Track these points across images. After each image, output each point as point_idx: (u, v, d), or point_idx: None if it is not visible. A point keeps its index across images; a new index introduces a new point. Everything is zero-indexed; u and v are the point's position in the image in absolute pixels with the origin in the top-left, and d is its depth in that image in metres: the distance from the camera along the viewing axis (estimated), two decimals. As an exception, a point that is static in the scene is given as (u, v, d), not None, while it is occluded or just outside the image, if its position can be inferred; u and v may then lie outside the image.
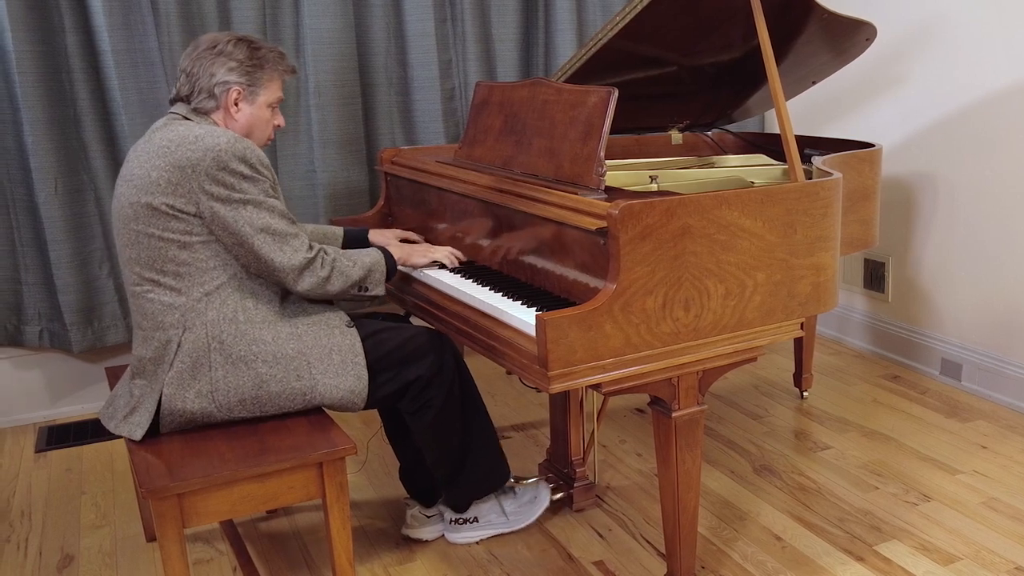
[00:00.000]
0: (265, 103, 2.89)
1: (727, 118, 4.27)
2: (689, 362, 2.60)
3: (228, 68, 2.80)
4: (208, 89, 2.80)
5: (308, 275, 2.75)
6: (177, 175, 2.60)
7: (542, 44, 5.04)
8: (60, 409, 4.56)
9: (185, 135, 2.64)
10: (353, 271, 2.86)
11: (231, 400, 2.68)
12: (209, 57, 2.80)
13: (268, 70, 2.87)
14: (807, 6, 3.36)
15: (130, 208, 2.65)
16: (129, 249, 2.69)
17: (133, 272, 2.70)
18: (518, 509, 3.29)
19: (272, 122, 2.96)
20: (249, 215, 2.65)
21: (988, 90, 4.20)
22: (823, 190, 2.78)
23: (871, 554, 3.14)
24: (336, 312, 2.90)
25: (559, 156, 2.95)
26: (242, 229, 2.64)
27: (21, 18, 3.98)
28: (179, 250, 2.64)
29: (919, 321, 4.75)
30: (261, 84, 2.86)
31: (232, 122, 2.85)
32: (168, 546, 2.44)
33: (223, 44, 2.82)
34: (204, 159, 2.59)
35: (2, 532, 3.49)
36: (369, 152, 4.77)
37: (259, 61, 2.85)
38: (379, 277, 2.95)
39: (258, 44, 2.88)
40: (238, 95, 2.82)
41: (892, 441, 3.96)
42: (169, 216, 2.61)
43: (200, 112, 2.83)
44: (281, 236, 2.70)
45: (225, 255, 2.69)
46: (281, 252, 2.70)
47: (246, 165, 2.64)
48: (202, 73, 2.80)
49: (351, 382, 2.79)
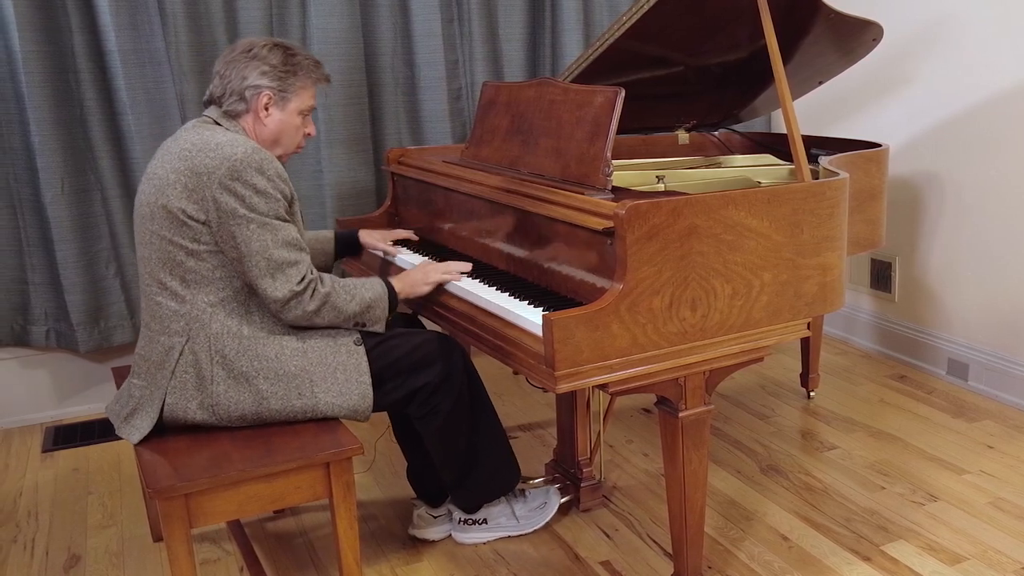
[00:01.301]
0: (296, 110, 2.88)
1: (734, 118, 4.26)
2: (696, 362, 2.60)
3: (261, 72, 2.79)
4: (239, 92, 2.80)
5: (294, 307, 2.69)
6: (193, 180, 2.59)
7: (549, 44, 5.04)
8: (67, 409, 4.57)
9: (208, 141, 2.64)
10: (349, 306, 2.79)
11: (231, 415, 2.69)
12: (243, 60, 2.80)
13: (302, 77, 2.86)
14: (814, 6, 3.36)
15: (147, 207, 2.66)
16: (144, 248, 2.70)
17: (146, 271, 2.71)
18: (528, 513, 3.28)
19: (303, 130, 2.95)
20: (251, 234, 2.61)
21: (995, 90, 4.19)
22: (830, 190, 2.78)
23: (878, 554, 3.13)
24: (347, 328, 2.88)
25: (566, 156, 2.95)
26: (241, 246, 2.62)
27: (28, 18, 3.98)
28: (187, 257, 2.64)
29: (926, 321, 4.74)
30: (293, 90, 2.85)
31: (261, 127, 2.84)
32: (175, 546, 2.44)
33: (259, 48, 2.82)
34: (220, 167, 2.58)
35: (9, 532, 3.50)
36: (376, 152, 4.77)
37: (293, 67, 2.84)
38: (379, 314, 2.88)
39: (294, 51, 2.87)
40: (269, 100, 2.81)
41: (899, 441, 3.95)
42: (180, 222, 2.61)
43: (230, 116, 2.82)
44: (276, 265, 2.64)
45: (232, 266, 2.68)
46: (270, 280, 2.64)
47: (263, 177, 2.62)
48: (234, 76, 2.80)
49: (354, 401, 2.77)
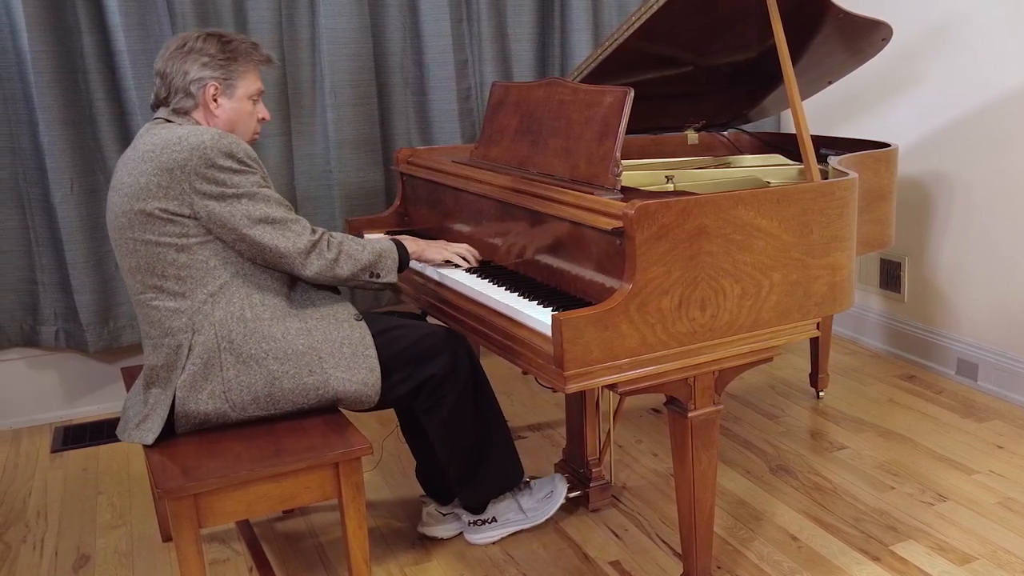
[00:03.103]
0: (245, 95, 2.87)
1: (743, 118, 4.26)
2: (705, 362, 2.60)
3: (201, 64, 2.78)
4: (184, 88, 2.79)
5: (315, 257, 2.74)
6: (166, 178, 2.59)
7: (558, 44, 5.04)
8: (76, 409, 4.58)
9: (168, 137, 2.63)
10: (363, 254, 2.84)
11: (244, 399, 2.68)
12: (180, 56, 2.79)
13: (242, 61, 2.85)
14: (823, 6, 3.35)
15: (124, 217, 2.64)
16: (129, 258, 2.68)
17: (136, 281, 2.70)
18: (536, 505, 3.28)
19: (255, 115, 2.93)
20: (244, 208, 2.63)
21: (1004, 90, 4.18)
22: (839, 190, 2.77)
23: (887, 554, 3.13)
24: (344, 305, 2.89)
25: (575, 156, 2.95)
26: (239, 223, 2.63)
27: (37, 18, 3.99)
28: (177, 253, 2.63)
29: (935, 321, 4.73)
30: (237, 76, 2.84)
31: (213, 119, 2.83)
32: (184, 546, 2.45)
33: (192, 41, 2.80)
34: (191, 159, 2.58)
35: (18, 532, 3.50)
36: (385, 152, 4.77)
37: (231, 53, 2.83)
38: (390, 264, 2.92)
39: (228, 37, 2.85)
40: (215, 90, 2.80)
41: (908, 441, 3.95)
42: (164, 220, 2.60)
43: (180, 112, 2.81)
44: (281, 223, 2.69)
45: (225, 253, 2.68)
46: (284, 238, 2.69)
47: (234, 160, 2.63)
48: (176, 72, 2.79)
49: (363, 374, 2.78)
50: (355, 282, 2.88)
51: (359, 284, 2.89)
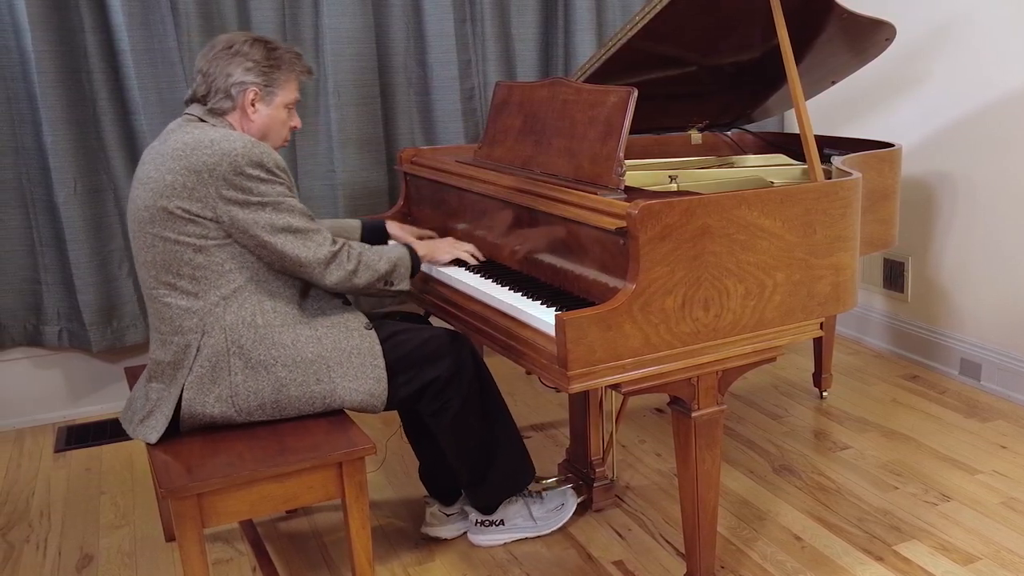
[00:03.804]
0: (282, 104, 2.89)
1: (746, 118, 4.26)
2: (709, 362, 2.60)
3: (245, 68, 2.79)
4: (225, 89, 2.80)
5: (335, 268, 2.75)
6: (193, 179, 2.59)
7: (562, 44, 5.04)
8: (79, 409, 4.58)
9: (200, 139, 2.64)
10: (380, 264, 2.86)
11: (251, 405, 2.69)
12: (226, 57, 2.80)
13: (285, 71, 2.87)
14: (826, 6, 3.35)
15: (146, 211, 2.65)
16: (145, 252, 2.68)
17: (150, 275, 2.70)
18: (546, 515, 3.29)
19: (288, 123, 2.96)
20: (268, 217, 2.64)
21: (1007, 90, 4.18)
22: (842, 190, 2.77)
23: (890, 554, 3.13)
24: (354, 314, 2.89)
25: (579, 156, 2.94)
26: (261, 232, 2.64)
27: (40, 18, 3.99)
28: (195, 253, 2.63)
29: (938, 321, 4.73)
30: (278, 85, 2.86)
31: (248, 123, 2.85)
32: (188, 546, 2.45)
33: (240, 44, 2.81)
34: (220, 164, 2.59)
35: (21, 532, 3.51)
36: (388, 152, 4.77)
37: (276, 61, 2.85)
38: (404, 272, 2.94)
39: (275, 45, 2.88)
40: (255, 96, 2.82)
41: (911, 441, 3.95)
42: (185, 220, 2.61)
43: (216, 113, 2.82)
44: (303, 233, 2.70)
45: (242, 257, 2.68)
46: (305, 248, 2.70)
47: (263, 169, 2.64)
48: (218, 73, 2.80)
49: (370, 384, 2.79)
50: (370, 291, 2.89)
51: (373, 292, 2.91)
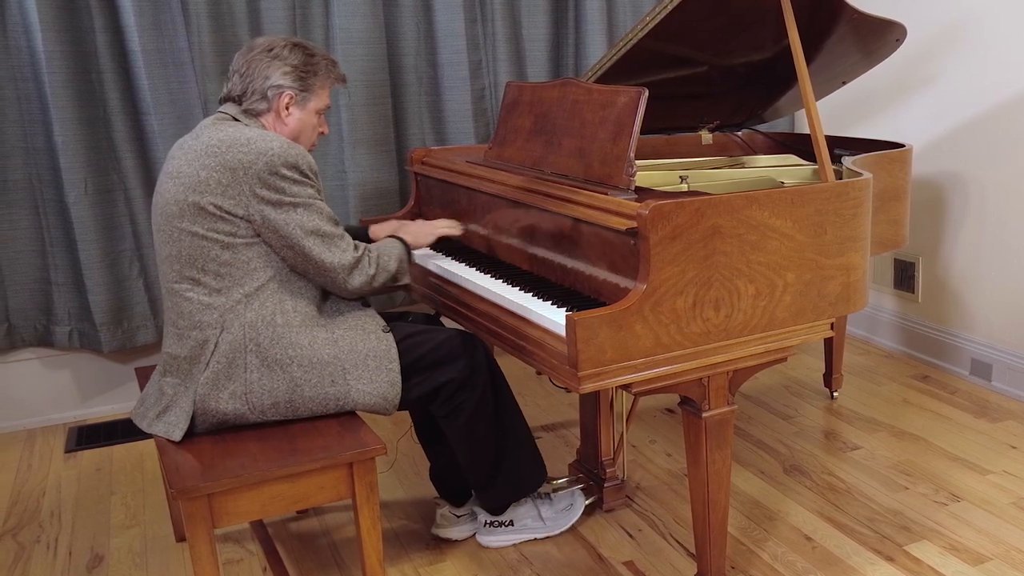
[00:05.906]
0: (314, 109, 2.93)
1: (757, 118, 4.26)
2: (719, 362, 2.60)
3: (283, 72, 2.82)
4: (262, 91, 2.83)
5: (358, 273, 2.78)
6: (228, 176, 2.61)
7: (572, 44, 5.04)
8: (90, 409, 4.59)
9: (236, 137, 2.66)
10: (391, 264, 2.89)
11: (264, 403, 2.69)
12: (264, 59, 2.83)
13: (321, 77, 2.91)
14: (837, 7, 3.35)
15: (175, 205, 2.66)
16: (169, 246, 2.69)
17: (172, 269, 2.70)
18: (555, 515, 3.29)
19: (318, 129, 2.99)
20: (299, 218, 2.66)
21: (1018, 90, 4.17)
22: (853, 190, 2.77)
23: (901, 554, 3.12)
24: (372, 316, 2.90)
25: (589, 156, 2.94)
26: (293, 232, 2.65)
27: (51, 18, 4.00)
28: (221, 250, 2.65)
29: (949, 321, 4.72)
30: (313, 91, 2.89)
31: (281, 126, 2.87)
32: (198, 546, 2.45)
33: (279, 48, 2.85)
34: (256, 163, 2.60)
35: (32, 532, 3.51)
36: (399, 152, 4.78)
37: (313, 67, 2.88)
38: (406, 267, 2.97)
39: (313, 51, 2.91)
40: (290, 100, 2.85)
41: (922, 441, 3.94)
42: (216, 217, 2.62)
43: (251, 114, 2.85)
44: (329, 238, 2.72)
45: (267, 256, 2.70)
46: (331, 252, 2.72)
47: (297, 171, 2.66)
48: (256, 75, 2.82)
49: (384, 388, 2.79)
50: (381, 291, 2.93)
51: (381, 291, 2.94)
